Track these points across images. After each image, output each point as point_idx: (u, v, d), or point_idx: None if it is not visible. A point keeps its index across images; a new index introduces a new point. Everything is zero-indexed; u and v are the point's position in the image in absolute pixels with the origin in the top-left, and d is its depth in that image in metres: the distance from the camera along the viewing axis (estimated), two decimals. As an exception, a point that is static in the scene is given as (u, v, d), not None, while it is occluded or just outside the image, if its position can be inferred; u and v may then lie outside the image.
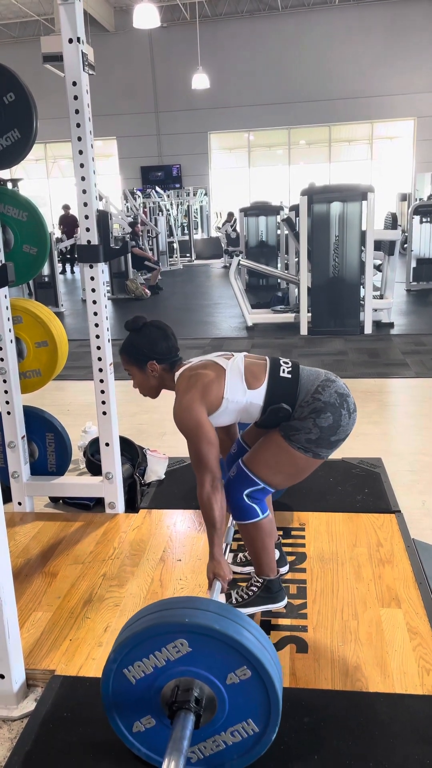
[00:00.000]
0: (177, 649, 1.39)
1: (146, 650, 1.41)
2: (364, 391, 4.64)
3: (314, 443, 1.90)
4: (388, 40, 15.82)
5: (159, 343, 2.02)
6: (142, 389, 2.10)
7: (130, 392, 5.01)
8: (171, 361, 2.04)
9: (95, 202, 2.46)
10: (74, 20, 2.26)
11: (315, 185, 7.09)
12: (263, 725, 1.43)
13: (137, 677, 1.43)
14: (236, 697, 1.41)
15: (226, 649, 1.37)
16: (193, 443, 1.88)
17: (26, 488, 2.83)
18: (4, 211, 2.54)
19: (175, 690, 1.41)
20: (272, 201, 11.88)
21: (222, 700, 1.41)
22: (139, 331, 2.05)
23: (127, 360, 2.06)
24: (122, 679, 1.45)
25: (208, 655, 1.39)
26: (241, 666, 1.38)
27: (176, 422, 1.92)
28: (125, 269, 10.15)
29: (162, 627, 1.40)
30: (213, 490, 1.84)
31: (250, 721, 1.43)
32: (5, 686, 1.75)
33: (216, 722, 1.44)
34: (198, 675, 1.41)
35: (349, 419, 1.94)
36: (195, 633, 1.38)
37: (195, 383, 1.92)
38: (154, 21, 11.01)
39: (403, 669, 1.80)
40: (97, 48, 11.73)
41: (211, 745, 1.47)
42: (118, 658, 1.43)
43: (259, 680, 1.38)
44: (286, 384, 1.93)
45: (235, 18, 16.46)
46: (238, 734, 1.45)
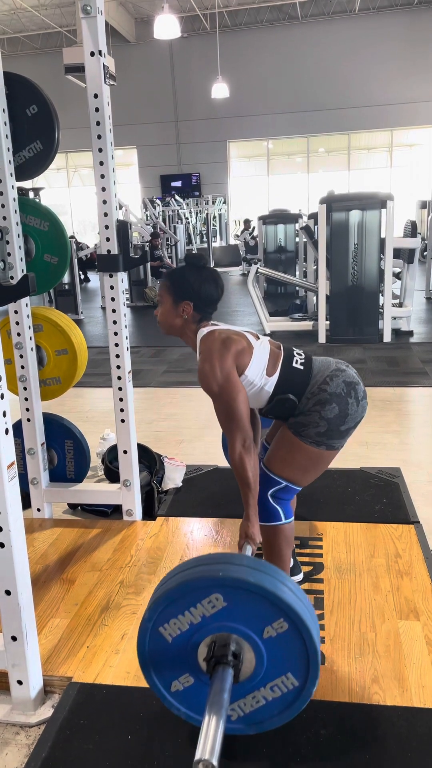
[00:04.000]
0: (212, 604, 1.37)
1: (181, 607, 1.39)
2: (383, 400, 4.61)
3: (325, 435, 1.89)
4: (407, 48, 15.78)
5: (207, 289, 1.95)
6: (163, 322, 2.01)
7: (147, 399, 5.05)
8: (204, 314, 1.97)
9: (115, 212, 2.49)
10: (96, 34, 2.30)
11: (334, 193, 7.09)
12: (303, 679, 1.39)
13: (173, 635, 1.41)
14: (274, 651, 1.38)
15: (262, 602, 1.35)
16: (224, 400, 1.83)
17: (45, 495, 2.86)
18: (26, 221, 2.58)
19: (212, 646, 1.39)
20: (291, 209, 11.89)
21: (260, 655, 1.39)
22: (197, 269, 1.96)
23: (168, 287, 1.97)
24: (158, 638, 1.42)
25: (244, 609, 1.37)
26: (278, 618, 1.35)
27: (205, 379, 1.86)
28: (144, 277, 10.22)
29: (196, 582, 1.37)
30: (245, 450, 1.82)
31: (289, 675, 1.40)
32: (23, 692, 1.76)
33: (255, 678, 1.41)
34: (235, 630, 1.38)
35: (358, 407, 1.91)
36: (230, 587, 1.36)
37: (229, 346, 1.87)
38: (174, 32, 11.10)
39: (422, 682, 1.78)
40: (119, 59, 11.89)
41: (250, 701, 1.44)
42: (153, 616, 1.41)
43: (297, 632, 1.35)
44: (297, 375, 1.92)
45: (254, 27, 16.55)
46: (278, 689, 1.42)
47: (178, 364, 6.07)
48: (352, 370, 1.97)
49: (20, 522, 1.66)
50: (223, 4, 15.54)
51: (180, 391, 5.11)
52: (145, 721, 1.69)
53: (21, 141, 2.46)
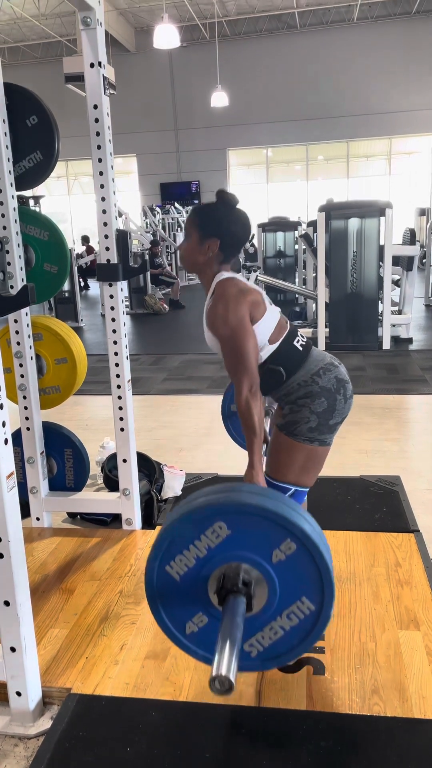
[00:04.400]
0: (216, 533, 1.33)
1: (185, 541, 1.35)
2: (383, 407, 4.61)
3: (316, 431, 1.89)
4: (406, 57, 15.86)
5: (236, 229, 1.89)
6: (187, 256, 1.95)
7: (147, 407, 5.05)
8: (228, 255, 1.92)
9: (115, 221, 2.50)
10: (96, 45, 2.31)
11: (333, 201, 7.11)
12: (319, 601, 1.34)
13: (181, 572, 1.37)
14: (285, 575, 1.33)
15: (267, 524, 1.31)
16: (234, 342, 1.81)
17: (44, 503, 2.85)
18: (26, 230, 2.58)
19: (221, 578, 1.34)
20: (290, 216, 11.92)
21: (271, 582, 1.34)
22: (229, 207, 1.90)
23: (197, 222, 1.90)
24: (166, 578, 1.38)
25: (250, 535, 1.32)
26: (285, 540, 1.31)
27: (217, 321, 1.83)
28: (144, 285, 10.24)
29: (197, 513, 1.33)
30: (252, 395, 1.79)
31: (304, 599, 1.35)
32: (22, 704, 1.75)
33: (269, 607, 1.36)
34: (242, 558, 1.34)
35: (345, 404, 1.92)
36: (232, 513, 1.32)
37: (246, 295, 1.86)
38: (174, 41, 11.16)
39: (422, 693, 1.77)
40: (119, 68, 11.96)
41: (268, 633, 1.39)
42: (159, 554, 1.36)
43: (306, 552, 1.31)
44: (294, 353, 1.91)
45: (253, 37, 16.64)
46: (295, 616, 1.36)
47: (177, 371, 6.08)
48: (344, 368, 1.98)
49: (19, 532, 1.66)
50: (222, 14, 15.64)
51: (180, 398, 5.11)
52: (145, 732, 1.68)
53: (21, 151, 2.47)
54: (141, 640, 2.05)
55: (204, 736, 1.69)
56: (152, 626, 2.11)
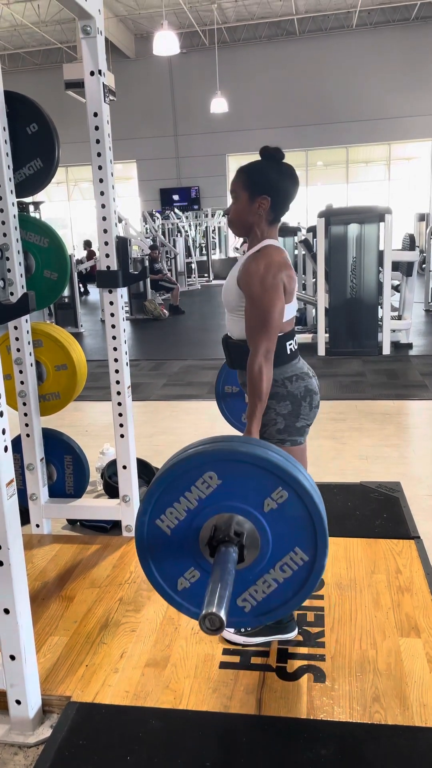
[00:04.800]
0: (206, 484, 1.31)
1: (175, 493, 1.32)
2: (383, 413, 4.61)
3: (285, 432, 1.91)
4: (404, 63, 15.93)
5: (286, 185, 1.85)
6: (236, 219, 1.90)
7: (147, 413, 5.03)
8: (278, 213, 1.88)
9: (115, 228, 2.50)
10: (96, 53, 2.32)
11: (332, 206, 7.12)
12: (312, 550, 1.32)
13: (172, 526, 1.34)
14: (278, 525, 1.31)
15: (257, 473, 1.29)
16: (263, 302, 1.78)
17: (44, 510, 2.85)
18: (25, 237, 2.59)
19: (212, 530, 1.32)
20: (290, 222, 11.93)
21: (264, 532, 1.31)
22: (276, 163, 1.86)
23: (244, 181, 1.86)
24: (157, 532, 1.35)
25: (240, 484, 1.30)
26: (276, 488, 1.29)
27: (251, 278, 1.80)
28: (144, 290, 10.25)
29: (187, 462, 1.31)
30: (266, 361, 1.79)
31: (297, 550, 1.32)
32: (21, 712, 1.75)
33: (262, 559, 1.33)
34: (234, 508, 1.31)
35: (310, 411, 1.95)
36: (222, 461, 1.30)
37: (288, 270, 1.85)
38: (173, 47, 11.21)
39: (423, 701, 1.77)
40: (119, 74, 12.00)
41: (261, 587, 1.36)
42: (148, 507, 1.34)
43: (298, 499, 1.28)
44: (282, 352, 1.88)
45: (253, 43, 16.72)
46: (288, 567, 1.34)
47: (177, 377, 6.08)
48: (317, 381, 2.01)
49: (19, 540, 1.65)
50: (221, 21, 15.71)
51: (180, 404, 5.11)
52: (145, 741, 1.67)
53: (21, 158, 2.48)
54: (141, 647, 2.04)
55: (204, 744, 1.68)
56: (152, 634, 2.10)
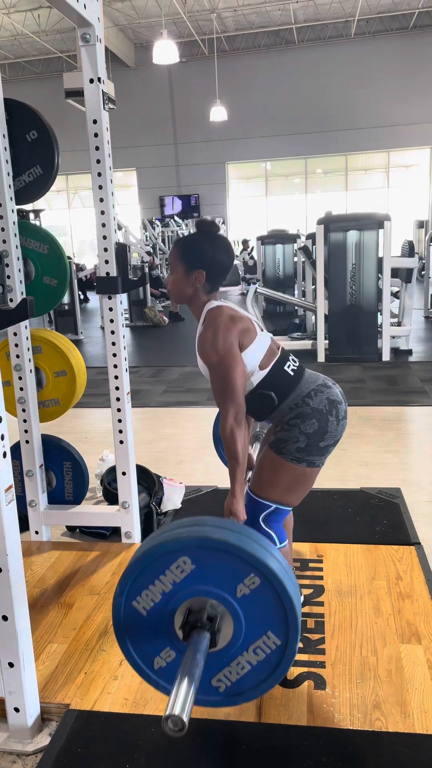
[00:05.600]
0: (180, 568, 1.33)
1: (151, 576, 1.35)
2: (383, 419, 4.60)
3: (305, 452, 1.87)
4: (403, 71, 16.03)
5: (220, 258, 1.92)
6: (174, 290, 1.97)
7: (147, 420, 5.03)
8: (215, 283, 1.94)
9: (114, 235, 2.51)
10: (95, 61, 2.33)
11: (331, 214, 7.15)
12: (284, 635, 1.34)
13: (147, 607, 1.37)
14: (250, 610, 1.33)
15: (230, 559, 1.31)
16: (222, 370, 1.82)
17: (43, 517, 2.84)
18: (25, 244, 2.60)
19: (186, 613, 1.34)
20: (289, 229, 11.98)
21: (237, 616, 1.34)
22: (210, 236, 1.93)
23: (180, 255, 1.93)
24: (133, 613, 1.38)
25: (214, 569, 1.33)
26: (248, 574, 1.31)
27: (206, 348, 1.85)
28: (143, 297, 10.27)
29: (162, 547, 1.34)
30: (237, 424, 1.80)
31: (270, 634, 1.34)
32: (20, 720, 1.73)
33: (235, 642, 1.36)
34: (207, 593, 1.34)
35: (338, 425, 1.90)
36: (195, 547, 1.33)
37: (236, 322, 1.87)
38: (173, 57, 11.29)
39: (424, 708, 1.76)
40: (118, 83, 12.07)
41: (235, 668, 1.38)
42: (125, 590, 1.37)
43: (269, 585, 1.30)
44: (285, 378, 1.90)
45: (252, 52, 16.82)
46: (261, 651, 1.36)
47: (177, 384, 6.08)
48: (338, 388, 1.96)
49: (18, 546, 1.65)
50: (221, 30, 15.81)
51: (180, 411, 5.11)
52: (144, 749, 1.66)
53: (21, 166, 2.49)
54: (140, 654, 2.03)
55: (204, 752, 1.67)
56: (152, 641, 2.09)
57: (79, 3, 2.17)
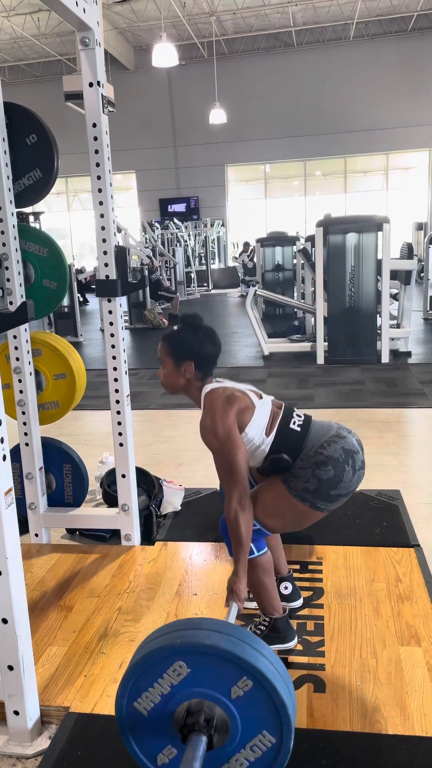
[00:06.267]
0: (177, 672, 1.38)
1: (149, 679, 1.40)
2: (382, 421, 4.61)
3: (312, 494, 1.87)
4: (402, 73, 16.06)
5: (206, 347, 1.99)
6: (166, 382, 2.05)
7: (146, 422, 5.03)
8: (206, 371, 2.01)
9: (114, 237, 2.52)
10: (95, 65, 2.34)
11: (331, 216, 7.16)
12: (278, 734, 1.38)
13: (148, 708, 1.42)
14: (245, 711, 1.38)
15: (223, 663, 1.35)
16: (224, 456, 1.86)
17: (43, 520, 2.84)
18: (25, 247, 2.60)
19: (184, 714, 1.39)
20: (288, 231, 11.99)
21: (233, 717, 1.38)
22: (194, 328, 2.00)
23: (167, 349, 2.01)
24: (135, 713, 1.43)
25: (209, 673, 1.37)
26: (241, 677, 1.35)
27: (206, 434, 1.90)
28: (143, 299, 10.28)
29: (158, 653, 1.39)
30: (241, 507, 1.83)
31: (265, 733, 1.39)
32: (20, 723, 1.74)
33: (232, 741, 1.40)
34: (204, 695, 1.39)
35: (353, 476, 1.89)
36: (189, 653, 1.37)
37: (233, 403, 1.91)
38: (172, 59, 11.30)
39: (423, 710, 1.76)
40: (118, 86, 12.07)
41: (235, 765, 1.43)
42: (126, 692, 1.42)
43: (262, 688, 1.35)
44: (293, 436, 1.92)
45: (251, 55, 16.86)
46: (257, 749, 1.40)
47: (177, 386, 6.07)
48: (355, 437, 1.95)
49: (17, 549, 1.65)
50: (220, 33, 15.85)
51: (179, 413, 5.11)
52: (144, 752, 1.66)
53: (20, 169, 2.50)
54: (140, 657, 2.03)
55: (204, 755, 1.67)
56: (151, 643, 2.09)
57: (78, 7, 2.18)
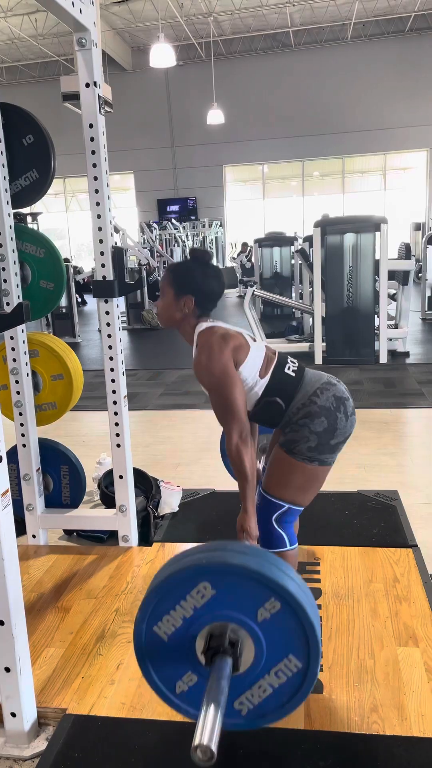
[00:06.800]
0: (201, 594, 1.34)
1: (171, 602, 1.36)
2: (380, 421, 4.61)
3: (316, 450, 1.88)
4: (400, 74, 16.09)
5: (210, 285, 1.96)
6: (163, 314, 2.01)
7: (144, 423, 5.03)
8: (204, 309, 1.98)
9: (110, 238, 2.51)
10: (91, 66, 2.34)
11: (328, 216, 7.16)
12: (305, 659, 1.34)
13: (168, 633, 1.38)
14: (271, 634, 1.34)
15: (250, 584, 1.31)
16: (221, 391, 1.85)
17: (41, 521, 2.84)
18: (22, 248, 2.60)
19: (208, 638, 1.35)
20: (286, 232, 12.00)
21: (258, 640, 1.35)
22: (202, 264, 1.97)
23: (171, 280, 1.97)
24: (154, 638, 1.39)
25: (234, 594, 1.33)
26: (269, 598, 1.31)
27: (201, 371, 1.88)
28: (141, 300, 10.27)
29: (182, 573, 1.34)
30: (242, 442, 1.82)
31: (291, 657, 1.35)
32: (17, 725, 1.73)
33: (257, 665, 1.36)
34: (228, 617, 1.34)
35: (347, 422, 1.91)
36: (215, 573, 1.33)
37: (228, 341, 1.89)
38: (170, 60, 11.31)
39: (421, 711, 1.75)
40: (115, 86, 12.08)
41: (257, 692, 1.39)
42: (146, 615, 1.37)
43: (290, 609, 1.31)
44: (288, 381, 1.92)
45: (249, 55, 16.87)
46: (282, 674, 1.37)
47: (175, 386, 6.08)
48: (343, 385, 1.97)
49: (14, 551, 1.64)
50: (217, 33, 15.85)
51: (177, 414, 5.11)
52: (141, 754, 1.66)
53: (17, 170, 2.50)
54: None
55: (201, 756, 1.66)
56: (149, 645, 2.09)
57: (74, 8, 2.17)
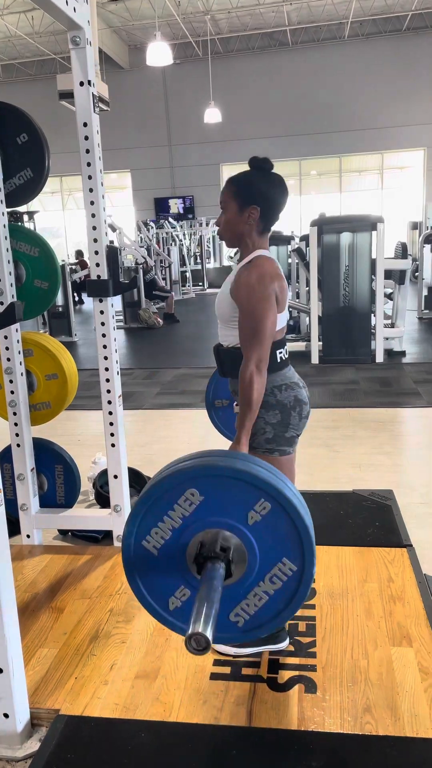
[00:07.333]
0: (189, 501, 1.31)
1: (159, 513, 1.32)
2: (376, 420, 4.61)
3: (274, 442, 1.90)
4: (397, 73, 16.07)
5: (275, 193, 1.87)
6: (226, 229, 1.92)
7: (140, 422, 5.02)
8: (268, 222, 1.90)
9: (105, 237, 2.51)
10: (85, 64, 2.33)
11: (325, 215, 7.15)
12: (300, 560, 1.31)
13: (158, 546, 1.34)
14: (263, 537, 1.31)
15: (238, 486, 1.29)
16: (256, 313, 1.80)
17: (35, 521, 2.83)
18: (16, 247, 2.59)
19: (198, 546, 1.32)
20: (283, 231, 11.98)
21: (250, 545, 1.32)
22: (265, 173, 1.87)
23: (234, 191, 1.87)
24: (144, 553, 1.35)
25: (223, 498, 1.30)
26: (259, 500, 1.29)
27: (243, 287, 1.82)
28: (138, 299, 10.25)
29: (167, 481, 1.31)
30: (258, 371, 1.80)
31: (285, 561, 1.32)
32: (9, 726, 1.73)
33: (250, 573, 1.33)
34: (218, 524, 1.31)
35: (299, 421, 1.93)
36: (202, 477, 1.31)
37: (280, 280, 1.86)
38: (167, 58, 11.29)
39: (414, 711, 1.75)
40: (112, 85, 12.03)
41: (253, 600, 1.36)
42: (133, 530, 1.34)
43: (281, 509, 1.28)
44: (272, 361, 1.89)
45: (246, 54, 16.84)
46: (277, 579, 1.33)
47: (171, 386, 6.07)
48: (306, 391, 1.99)
49: (6, 550, 1.64)
50: (214, 32, 15.82)
51: (173, 413, 5.10)
52: (134, 755, 1.66)
53: (11, 168, 2.49)
54: (131, 659, 2.03)
55: (195, 757, 1.66)
56: (142, 645, 2.09)
57: (68, 6, 2.17)
